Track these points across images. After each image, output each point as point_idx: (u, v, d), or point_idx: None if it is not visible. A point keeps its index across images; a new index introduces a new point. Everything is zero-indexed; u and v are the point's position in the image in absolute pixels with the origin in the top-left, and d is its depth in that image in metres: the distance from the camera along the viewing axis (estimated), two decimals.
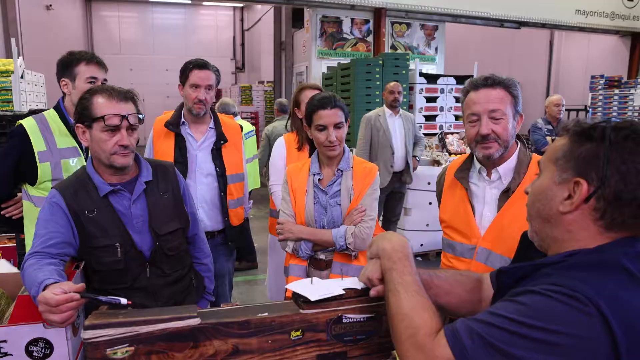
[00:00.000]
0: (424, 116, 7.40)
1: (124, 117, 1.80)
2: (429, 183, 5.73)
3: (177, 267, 2.05)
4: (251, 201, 3.36)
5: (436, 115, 7.47)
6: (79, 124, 1.86)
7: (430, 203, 5.72)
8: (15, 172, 2.40)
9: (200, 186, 2.90)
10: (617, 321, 0.88)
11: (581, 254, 1.00)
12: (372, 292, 1.22)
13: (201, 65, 2.85)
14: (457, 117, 7.51)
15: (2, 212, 2.57)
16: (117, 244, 1.87)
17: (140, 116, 1.91)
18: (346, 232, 2.22)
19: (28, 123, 2.41)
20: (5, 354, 1.64)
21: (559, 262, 1.02)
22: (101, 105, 1.81)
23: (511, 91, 1.89)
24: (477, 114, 1.88)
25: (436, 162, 6.31)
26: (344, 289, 1.27)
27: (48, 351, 1.71)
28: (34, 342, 1.70)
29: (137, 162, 2.00)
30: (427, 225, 5.88)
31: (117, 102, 1.82)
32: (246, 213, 3.24)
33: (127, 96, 1.87)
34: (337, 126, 2.25)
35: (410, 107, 7.28)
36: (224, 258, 3.04)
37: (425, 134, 7.31)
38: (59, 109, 2.50)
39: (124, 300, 1.36)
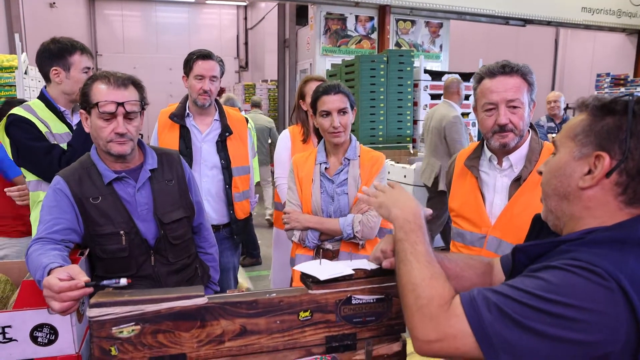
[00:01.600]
0: None
1: (119, 105, 1.78)
2: None
3: (182, 256, 2.03)
4: (257, 195, 3.33)
5: None
6: (82, 110, 1.86)
7: None
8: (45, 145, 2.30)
9: (205, 179, 2.88)
10: (639, 297, 0.86)
11: (600, 230, 0.98)
12: (385, 264, 1.20)
13: (205, 55, 2.83)
14: (462, 114, 7.45)
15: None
16: (121, 232, 1.85)
17: (144, 105, 1.89)
18: (353, 221, 2.20)
19: (19, 111, 2.35)
20: (10, 340, 1.63)
21: (577, 239, 0.99)
22: (99, 91, 1.79)
23: (527, 78, 1.86)
24: (494, 103, 1.84)
25: None
26: (353, 270, 1.25)
27: (53, 337, 1.70)
28: (39, 327, 1.69)
29: (142, 150, 1.99)
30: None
31: (114, 88, 1.80)
32: (252, 207, 3.21)
33: (127, 83, 1.84)
34: (342, 112, 2.23)
35: (415, 104, 7.25)
36: (229, 252, 3.02)
37: None
38: (44, 98, 2.44)
39: (123, 281, 1.34)
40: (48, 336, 1.69)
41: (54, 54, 2.41)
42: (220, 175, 2.91)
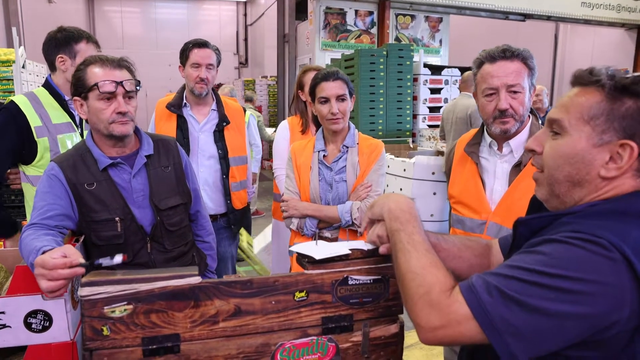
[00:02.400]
0: (428, 107, 7.35)
1: (118, 84, 1.77)
2: (433, 173, 5.67)
3: (178, 243, 2.01)
4: (255, 185, 3.31)
5: (440, 107, 7.41)
6: (76, 97, 1.83)
7: (434, 193, 5.66)
8: (13, 151, 2.34)
9: (203, 168, 2.87)
10: None
11: (602, 203, 0.96)
12: (382, 249, 1.18)
13: (201, 44, 2.84)
14: None
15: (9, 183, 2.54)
16: (116, 218, 1.83)
17: (138, 87, 1.87)
18: (352, 208, 2.18)
19: (20, 99, 2.37)
20: (4, 326, 1.61)
21: (580, 211, 0.97)
22: (95, 73, 1.77)
23: (528, 63, 1.85)
24: (495, 88, 1.83)
25: (440, 153, 6.26)
26: (350, 250, 1.23)
27: (47, 323, 1.68)
28: (33, 313, 1.66)
29: (138, 136, 1.97)
30: (432, 215, 5.83)
31: (110, 69, 1.78)
32: (249, 197, 3.20)
33: (121, 64, 1.84)
34: (341, 98, 2.21)
35: (415, 98, 7.23)
36: (226, 242, 3.01)
37: (430, 125, 7.30)
38: (48, 86, 2.45)
39: (118, 258, 1.31)
40: (42, 323, 1.67)
41: (60, 42, 2.42)
42: (218, 165, 2.90)
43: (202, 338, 1.16)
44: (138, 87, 1.88)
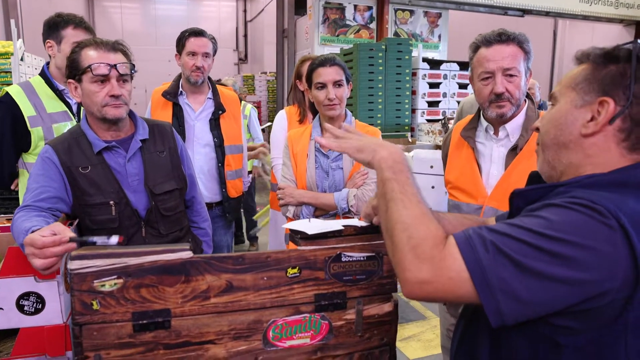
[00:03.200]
0: (427, 102, 7.33)
1: (112, 67, 1.76)
2: (431, 167, 5.66)
3: (173, 228, 2.00)
4: (250, 175, 3.31)
5: (439, 101, 7.40)
6: (70, 80, 1.82)
7: (432, 187, 5.65)
8: (16, 144, 2.34)
9: (198, 157, 2.87)
10: (638, 237, 0.84)
11: (600, 175, 0.96)
12: (377, 220, 1.16)
13: (197, 32, 2.85)
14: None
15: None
16: (111, 202, 1.82)
17: (133, 71, 1.86)
18: (348, 195, 2.17)
19: (14, 89, 2.37)
20: None
21: (577, 182, 0.97)
22: (89, 56, 1.77)
23: (524, 47, 1.86)
24: (491, 72, 1.83)
25: (439, 147, 6.25)
26: (343, 226, 1.22)
27: (40, 306, 1.67)
28: (25, 295, 1.66)
29: (133, 120, 1.96)
30: (430, 209, 5.82)
31: (105, 52, 1.78)
32: (245, 186, 3.19)
33: (116, 47, 1.83)
34: (337, 84, 2.19)
35: (414, 93, 7.22)
36: (222, 230, 3.01)
37: (428, 120, 7.28)
38: (44, 74, 2.44)
39: (114, 239, 1.30)
40: (35, 305, 1.66)
41: (50, 27, 2.42)
42: (213, 154, 2.90)
43: (193, 314, 1.14)
44: (133, 71, 1.87)
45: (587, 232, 0.84)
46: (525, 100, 1.93)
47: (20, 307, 1.65)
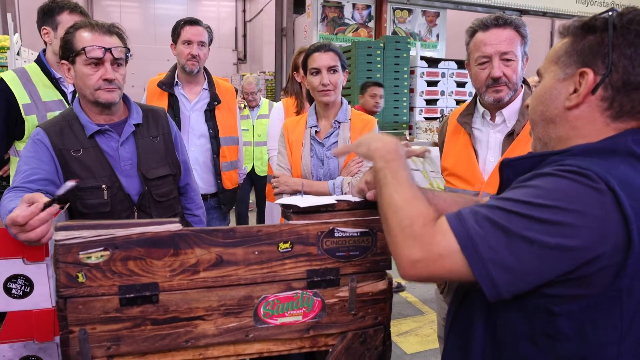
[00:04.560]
0: (425, 100, 7.32)
1: (107, 50, 1.73)
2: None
3: (166, 214, 1.96)
4: (246, 167, 3.28)
5: (437, 100, 7.38)
6: (63, 61, 1.78)
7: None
8: (8, 131, 2.31)
9: (193, 147, 2.84)
10: (629, 200, 0.83)
11: (589, 144, 0.96)
12: (370, 195, 1.15)
13: (193, 21, 2.84)
14: (458, 102, 7.42)
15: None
16: (103, 186, 1.79)
17: (128, 55, 1.84)
18: (342, 183, 2.14)
19: (9, 76, 2.33)
20: None
21: (567, 151, 0.97)
22: (84, 38, 1.73)
23: (521, 31, 1.85)
24: (488, 56, 1.81)
25: (436, 145, 6.23)
26: (336, 200, 1.19)
27: (28, 289, 1.63)
28: (13, 278, 1.62)
29: (127, 105, 1.93)
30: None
31: (100, 35, 1.74)
32: (240, 178, 3.17)
33: (112, 30, 1.80)
34: (332, 70, 2.18)
35: (412, 91, 7.20)
36: (217, 222, 2.98)
37: (426, 118, 7.27)
38: (40, 62, 2.40)
39: (69, 183, 1.26)
40: (23, 288, 1.62)
41: (45, 13, 2.39)
42: (208, 145, 2.88)
43: (181, 288, 1.11)
44: (128, 55, 1.84)
45: (575, 196, 0.84)
46: (522, 86, 1.91)
47: (7, 290, 1.61)
